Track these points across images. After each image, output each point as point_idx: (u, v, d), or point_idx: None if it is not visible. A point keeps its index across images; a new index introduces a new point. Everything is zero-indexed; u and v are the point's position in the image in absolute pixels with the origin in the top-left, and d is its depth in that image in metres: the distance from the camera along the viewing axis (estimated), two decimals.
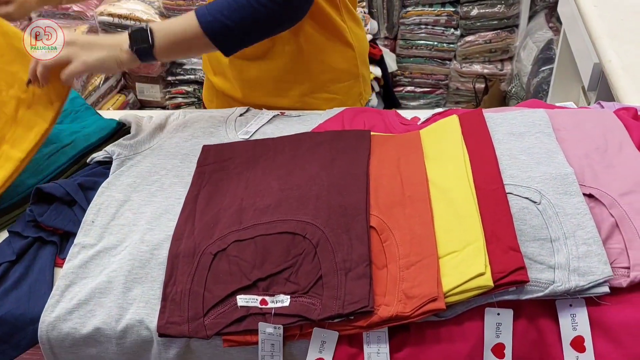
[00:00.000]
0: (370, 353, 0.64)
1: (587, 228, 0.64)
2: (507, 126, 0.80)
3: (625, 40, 1.11)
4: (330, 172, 0.79)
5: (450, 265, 0.64)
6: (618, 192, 0.67)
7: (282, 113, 1.03)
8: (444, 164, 0.76)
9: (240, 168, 0.85)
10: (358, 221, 0.71)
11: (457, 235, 0.66)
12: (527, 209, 0.67)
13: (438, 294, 0.61)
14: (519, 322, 0.61)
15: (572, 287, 0.59)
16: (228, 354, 0.70)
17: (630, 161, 0.72)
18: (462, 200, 0.69)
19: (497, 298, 0.61)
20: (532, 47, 2.14)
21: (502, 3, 2.32)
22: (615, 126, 0.78)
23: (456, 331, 0.63)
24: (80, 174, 0.91)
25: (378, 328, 0.63)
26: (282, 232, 0.72)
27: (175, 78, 2.43)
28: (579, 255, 0.62)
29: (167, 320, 0.68)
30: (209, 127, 1.00)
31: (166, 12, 2.28)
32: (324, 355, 0.65)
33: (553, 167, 0.71)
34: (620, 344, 0.58)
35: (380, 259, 0.68)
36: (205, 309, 0.68)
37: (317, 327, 0.65)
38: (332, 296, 0.65)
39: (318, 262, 0.69)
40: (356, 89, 1.12)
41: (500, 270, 0.61)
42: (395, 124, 0.94)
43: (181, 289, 0.70)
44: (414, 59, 2.54)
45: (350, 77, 1.11)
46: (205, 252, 0.73)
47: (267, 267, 0.70)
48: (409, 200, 0.73)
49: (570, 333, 0.60)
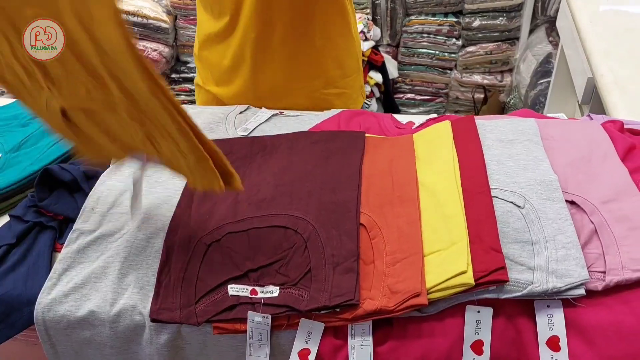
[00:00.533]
0: (354, 345, 0.66)
1: (567, 233, 0.66)
2: (497, 133, 0.83)
3: (618, 57, 1.14)
4: (323, 170, 0.81)
5: (434, 263, 0.66)
6: (599, 200, 0.70)
7: (281, 112, 1.05)
8: (434, 166, 0.78)
9: (238, 163, 0.87)
10: (348, 218, 0.73)
11: (442, 234, 0.69)
12: (511, 212, 0.70)
13: (421, 289, 0.64)
14: (498, 320, 0.64)
15: (549, 288, 0.62)
16: (217, 341, 0.72)
17: (612, 171, 0.74)
18: (449, 201, 0.72)
19: (477, 296, 0.64)
20: (532, 60, 2.17)
21: (503, 15, 2.36)
22: (601, 137, 0.81)
23: (437, 327, 0.65)
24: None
25: (362, 321, 0.66)
26: (275, 225, 0.75)
27: (179, 76, 2.46)
28: (557, 258, 0.64)
29: (159, 306, 0.71)
30: (209, 123, 1.03)
31: (173, 10, 2.31)
32: (310, 345, 0.67)
33: (538, 174, 0.74)
34: (594, 345, 0.61)
35: (368, 255, 0.70)
36: (197, 297, 0.70)
37: (304, 317, 0.67)
38: (320, 289, 0.67)
39: (308, 255, 0.71)
40: (359, 81, 1.16)
41: (482, 270, 0.63)
42: (390, 127, 0.96)
43: (175, 277, 0.72)
44: (415, 66, 2.58)
45: (354, 70, 1.14)
46: (200, 242, 0.75)
47: (258, 258, 0.72)
48: (398, 200, 0.75)
49: (546, 333, 0.62)
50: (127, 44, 0.58)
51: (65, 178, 0.87)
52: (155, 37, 2.30)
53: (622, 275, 0.62)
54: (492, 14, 2.36)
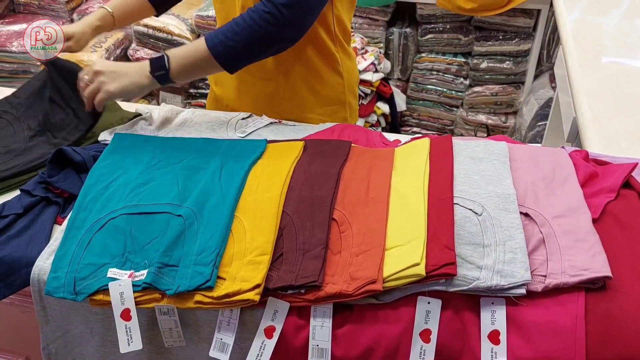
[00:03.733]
0: (315, 326, 0.72)
1: (517, 239, 0.72)
2: (469, 151, 0.90)
3: (599, 97, 1.21)
4: (307, 169, 0.89)
5: (393, 256, 0.73)
6: (551, 215, 0.76)
7: (280, 121, 1.14)
8: (407, 175, 0.86)
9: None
10: (322, 212, 0.80)
11: (404, 232, 0.75)
12: (469, 218, 0.76)
13: (378, 277, 0.70)
14: (446, 312, 0.69)
15: (493, 284, 0.68)
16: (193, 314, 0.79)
17: (570, 193, 0.81)
18: (415, 204, 0.79)
19: (428, 288, 0.70)
20: (534, 103, 2.25)
21: (510, 60, 2.45)
22: (566, 163, 0.87)
23: (392, 314, 0.71)
24: (92, 148, 1.03)
25: (324, 303, 0.72)
26: None
27: (197, 91, 2.57)
28: (505, 260, 0.70)
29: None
30: (212, 125, 1.11)
31: (197, 29, 2.44)
32: (275, 323, 0.74)
33: (499, 188, 0.81)
34: (529, 340, 0.66)
35: (337, 246, 0.77)
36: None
37: (272, 296, 0.74)
38: (288, 270, 0.74)
39: (282, 242, 0.78)
40: (341, 113, 1.24)
41: (434, 264, 0.69)
42: (378, 142, 1.04)
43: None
44: (423, 102, 2.67)
45: (336, 102, 1.22)
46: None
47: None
48: (371, 201, 0.82)
49: (488, 327, 0.68)
50: None
51: (75, 159, 0.96)
52: None
53: (561, 279, 0.67)
54: (500, 57, 2.46)
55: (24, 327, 1.05)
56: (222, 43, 1.00)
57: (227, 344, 0.75)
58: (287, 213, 0.81)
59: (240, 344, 0.78)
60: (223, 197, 0.85)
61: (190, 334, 0.81)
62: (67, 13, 2.46)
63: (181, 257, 0.78)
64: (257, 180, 0.89)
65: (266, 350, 0.73)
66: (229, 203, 0.84)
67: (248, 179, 0.89)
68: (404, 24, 2.55)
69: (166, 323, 0.78)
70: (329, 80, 1.20)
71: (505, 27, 2.41)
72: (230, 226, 0.81)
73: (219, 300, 0.73)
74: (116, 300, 0.75)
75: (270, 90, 1.20)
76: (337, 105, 1.23)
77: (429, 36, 2.50)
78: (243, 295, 0.72)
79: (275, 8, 0.97)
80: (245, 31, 0.99)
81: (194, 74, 1.10)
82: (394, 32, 2.52)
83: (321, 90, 1.20)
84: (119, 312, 0.76)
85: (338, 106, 1.23)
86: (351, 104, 1.26)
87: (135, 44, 2.45)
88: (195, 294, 0.75)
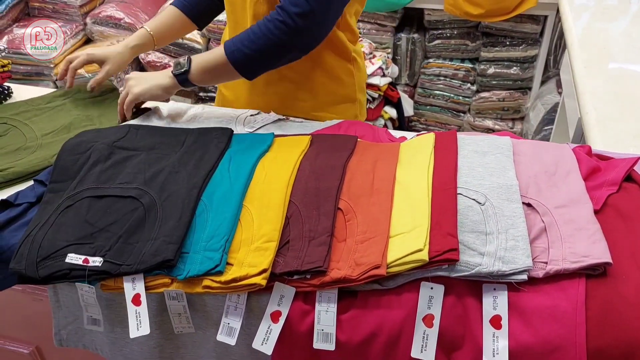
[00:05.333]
0: (320, 311, 0.74)
1: (519, 228, 0.74)
2: (474, 146, 0.92)
3: (603, 98, 1.22)
4: (313, 162, 0.91)
5: (397, 242, 0.74)
6: (553, 205, 0.77)
7: (287, 118, 1.16)
8: (411, 168, 0.87)
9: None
10: (328, 201, 0.82)
11: (408, 221, 0.77)
12: (472, 207, 0.78)
13: (381, 262, 0.71)
14: (449, 298, 0.71)
15: (495, 270, 0.69)
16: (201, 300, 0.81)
17: (572, 185, 0.82)
18: (418, 195, 0.80)
19: (431, 273, 0.71)
20: (540, 109, 2.27)
21: (517, 66, 2.47)
22: (569, 157, 0.89)
23: (395, 300, 0.72)
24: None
25: (329, 288, 0.74)
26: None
27: (207, 94, 2.61)
28: (507, 247, 0.72)
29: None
30: (221, 120, 1.14)
31: (208, 33, 2.48)
32: (282, 308, 0.75)
33: (502, 179, 0.82)
34: (530, 325, 0.67)
35: (342, 234, 0.79)
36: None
37: (278, 281, 0.75)
38: (295, 256, 0.76)
39: (289, 230, 0.80)
40: (352, 111, 1.26)
41: (437, 250, 0.71)
42: (384, 138, 1.06)
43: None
44: (430, 107, 2.69)
45: (347, 100, 1.24)
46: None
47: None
48: (376, 192, 0.84)
49: (490, 312, 0.69)
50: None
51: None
52: None
53: (562, 265, 0.69)
54: (507, 63, 2.47)
55: (35, 316, 1.07)
56: (239, 51, 1.04)
57: (234, 328, 0.76)
58: (294, 203, 0.83)
59: (246, 330, 0.79)
60: (232, 187, 0.87)
61: (198, 320, 0.83)
62: (81, 17, 2.51)
63: (191, 244, 0.80)
64: (265, 172, 0.91)
65: (272, 334, 0.74)
66: (238, 192, 0.86)
67: (256, 170, 0.92)
68: (412, 29, 2.58)
69: (175, 308, 0.80)
70: (341, 78, 1.22)
71: (512, 33, 2.43)
72: (238, 214, 0.83)
73: (226, 285, 0.75)
74: (128, 285, 0.77)
75: (283, 91, 1.22)
76: (349, 103, 1.25)
77: (437, 42, 2.52)
78: (250, 280, 0.74)
79: (289, 17, 0.99)
80: (261, 40, 1.02)
81: (214, 78, 1.13)
82: (401, 37, 2.55)
83: (334, 89, 1.22)
84: (130, 297, 0.77)
85: (349, 104, 1.25)
86: (361, 102, 1.28)
87: None
88: (203, 279, 0.76)
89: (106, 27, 2.50)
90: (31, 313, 1.07)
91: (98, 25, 2.50)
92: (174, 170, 0.91)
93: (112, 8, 2.50)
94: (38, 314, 1.06)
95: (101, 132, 1.04)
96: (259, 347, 0.75)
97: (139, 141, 1.00)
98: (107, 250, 0.80)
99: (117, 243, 0.81)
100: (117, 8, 2.50)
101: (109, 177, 0.91)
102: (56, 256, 0.81)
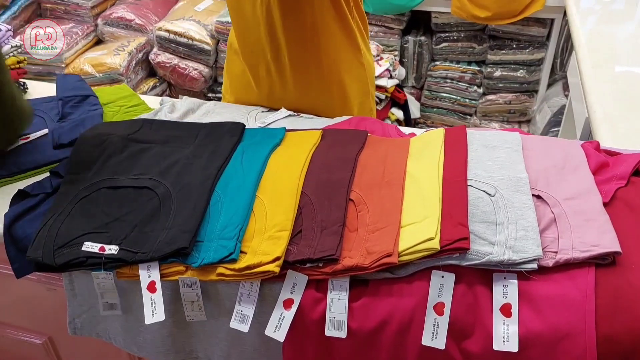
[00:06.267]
0: (332, 298, 0.75)
1: (529, 218, 0.75)
2: (483, 140, 0.93)
3: (611, 97, 1.23)
4: (325, 155, 0.92)
5: (409, 232, 0.75)
6: (562, 197, 0.78)
7: (298, 114, 1.18)
8: (421, 160, 0.89)
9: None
10: (340, 193, 0.83)
11: (419, 211, 0.78)
12: (482, 198, 0.79)
13: (393, 251, 0.73)
14: (459, 286, 0.72)
15: (505, 259, 0.70)
16: (214, 288, 0.82)
17: (581, 178, 0.83)
18: (428, 187, 0.82)
19: (442, 262, 0.72)
20: (547, 111, 2.27)
21: (524, 68, 2.48)
22: (577, 153, 0.90)
23: (406, 288, 0.73)
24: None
25: (341, 276, 0.75)
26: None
27: (215, 95, 2.63)
28: (517, 237, 0.73)
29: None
30: (233, 116, 1.16)
31: (217, 34, 2.50)
32: (294, 296, 0.77)
33: (512, 172, 0.83)
34: (540, 313, 0.68)
35: (353, 224, 0.80)
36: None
37: (291, 269, 0.77)
38: (307, 245, 0.77)
39: (301, 220, 0.81)
40: (367, 104, 1.27)
41: (448, 239, 0.72)
42: (393, 134, 1.07)
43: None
44: (437, 109, 2.70)
45: (362, 94, 1.26)
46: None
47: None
48: (386, 184, 0.85)
49: (500, 300, 0.70)
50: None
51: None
52: (198, 57, 2.50)
53: (572, 254, 0.70)
54: (514, 66, 2.49)
55: (48, 306, 1.09)
56: None
57: (247, 315, 0.78)
58: (306, 194, 0.85)
59: (259, 318, 0.80)
60: (244, 178, 0.89)
61: (211, 308, 0.84)
62: (92, 18, 2.54)
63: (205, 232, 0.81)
64: (277, 164, 0.92)
65: (285, 321, 0.76)
66: (251, 184, 0.87)
67: (268, 163, 0.93)
68: (419, 32, 2.59)
69: (189, 296, 0.81)
70: (356, 73, 1.23)
71: (519, 36, 2.44)
72: (252, 204, 0.84)
73: (240, 272, 0.76)
74: (143, 273, 0.79)
75: (302, 90, 1.21)
76: (364, 97, 1.26)
77: (444, 44, 2.54)
78: (264, 267, 0.75)
79: None
80: None
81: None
82: (409, 40, 2.57)
83: (350, 83, 1.23)
84: (145, 284, 0.79)
85: (364, 97, 1.27)
86: (373, 94, 1.30)
87: (156, 48, 2.52)
88: (217, 267, 0.78)
89: (117, 28, 2.53)
90: (44, 303, 1.08)
91: (109, 27, 2.53)
92: (188, 162, 0.93)
93: (123, 9, 2.53)
94: (51, 305, 1.08)
95: (115, 125, 1.05)
96: (272, 334, 0.76)
97: (153, 134, 1.02)
98: (123, 239, 0.82)
99: (133, 232, 0.83)
100: (128, 9, 2.53)
101: (125, 169, 0.93)
102: (72, 244, 0.82)
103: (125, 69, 2.39)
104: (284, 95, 1.22)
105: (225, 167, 0.92)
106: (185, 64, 2.51)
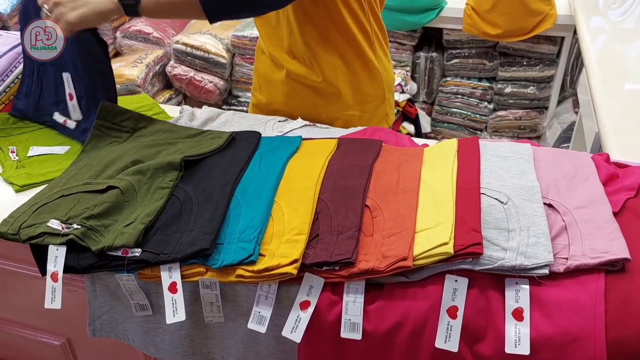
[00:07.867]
0: (348, 301, 0.77)
1: (540, 226, 0.77)
2: (495, 151, 0.96)
3: (620, 112, 1.26)
4: (341, 162, 0.95)
5: (423, 237, 0.78)
6: (573, 206, 0.81)
7: (314, 124, 1.21)
8: (435, 169, 0.91)
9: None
10: (356, 199, 0.86)
11: (433, 217, 0.81)
12: (495, 206, 0.81)
13: (408, 255, 0.75)
14: (472, 290, 0.74)
15: (517, 264, 0.72)
16: (233, 290, 0.85)
17: (591, 188, 0.85)
18: (442, 194, 0.84)
19: (455, 267, 0.74)
20: (557, 127, 2.29)
21: (534, 85, 2.51)
22: (587, 164, 0.92)
23: (420, 292, 0.76)
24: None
25: (357, 279, 0.77)
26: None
27: (229, 108, 2.68)
28: (529, 243, 0.75)
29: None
30: (251, 125, 1.19)
31: (232, 48, 2.56)
32: (311, 298, 0.79)
33: (523, 181, 0.86)
34: (551, 317, 0.70)
35: (369, 229, 0.82)
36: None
37: (308, 272, 0.79)
38: (324, 249, 0.79)
39: (318, 224, 0.84)
40: (382, 109, 1.31)
41: (461, 244, 0.74)
42: (407, 143, 1.10)
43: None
44: (447, 124, 2.72)
45: (377, 99, 1.29)
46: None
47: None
48: (401, 191, 0.88)
49: (513, 304, 0.72)
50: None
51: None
52: (214, 70, 2.55)
53: (582, 260, 0.72)
54: (524, 82, 2.51)
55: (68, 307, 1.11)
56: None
57: (264, 317, 0.80)
58: (323, 199, 0.87)
59: (275, 320, 0.83)
60: (263, 184, 0.92)
61: (229, 310, 0.86)
62: (111, 31, 2.61)
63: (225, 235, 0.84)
64: (294, 171, 0.95)
65: (301, 323, 0.78)
66: (269, 189, 0.90)
67: (286, 170, 0.96)
68: (431, 48, 2.63)
69: (208, 297, 0.84)
70: (372, 78, 1.27)
71: (529, 54, 2.47)
72: (270, 209, 0.87)
73: (259, 274, 0.79)
74: (165, 274, 0.82)
75: (316, 91, 1.26)
76: (378, 102, 1.30)
77: (455, 61, 2.57)
78: (282, 269, 0.77)
79: None
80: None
81: (168, 13, 1.04)
82: (420, 56, 2.61)
83: (365, 89, 1.27)
84: (167, 284, 0.82)
85: (379, 102, 1.30)
86: (389, 101, 1.34)
87: (173, 61, 2.58)
88: (236, 269, 0.80)
89: (135, 41, 2.60)
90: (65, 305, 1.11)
91: (127, 39, 2.59)
92: (208, 168, 0.96)
93: (142, 23, 2.60)
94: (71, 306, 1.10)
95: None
96: (288, 335, 0.78)
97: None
98: (145, 241, 0.85)
99: (155, 235, 0.86)
100: (146, 23, 2.59)
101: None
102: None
103: (143, 80, 2.44)
104: (299, 95, 1.26)
105: (244, 172, 0.95)
106: (201, 77, 2.56)
